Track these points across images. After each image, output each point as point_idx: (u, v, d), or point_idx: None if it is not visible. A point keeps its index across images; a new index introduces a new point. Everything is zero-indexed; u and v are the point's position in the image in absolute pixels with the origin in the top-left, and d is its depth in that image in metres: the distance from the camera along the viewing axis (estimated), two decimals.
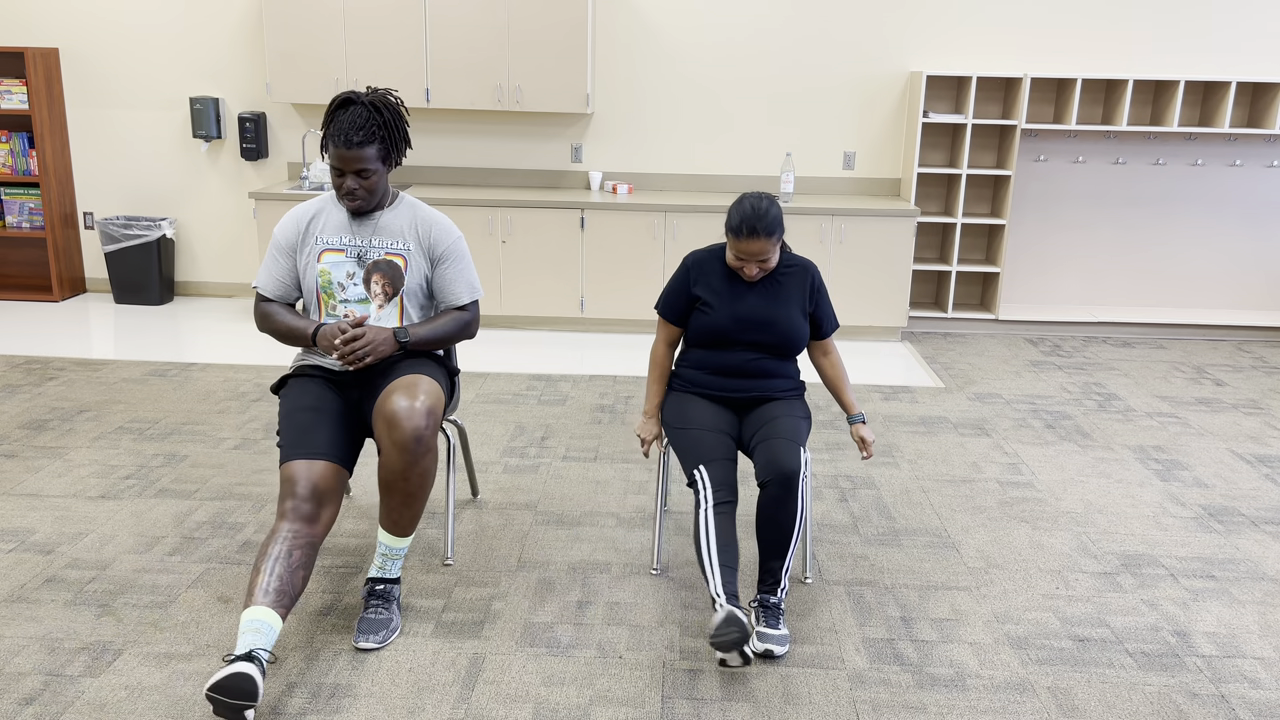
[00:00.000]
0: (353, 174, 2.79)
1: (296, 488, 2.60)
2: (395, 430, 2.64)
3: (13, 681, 2.52)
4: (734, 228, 2.87)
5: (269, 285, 2.95)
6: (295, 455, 2.66)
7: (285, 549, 2.51)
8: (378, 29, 5.88)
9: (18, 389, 4.70)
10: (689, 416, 2.95)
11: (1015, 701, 2.56)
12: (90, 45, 6.32)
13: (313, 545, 2.57)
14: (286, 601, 2.46)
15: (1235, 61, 6.14)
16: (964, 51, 6.16)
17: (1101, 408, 4.90)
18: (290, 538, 2.54)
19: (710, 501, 2.76)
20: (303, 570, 2.52)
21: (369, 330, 2.80)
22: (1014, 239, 6.46)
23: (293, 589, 2.48)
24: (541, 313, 6.06)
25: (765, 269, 2.92)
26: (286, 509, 2.58)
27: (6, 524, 3.37)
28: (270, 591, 2.44)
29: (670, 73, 6.25)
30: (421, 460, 2.68)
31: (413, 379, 2.75)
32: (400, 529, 2.78)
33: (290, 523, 2.56)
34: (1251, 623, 2.97)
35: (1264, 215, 6.38)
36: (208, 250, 6.64)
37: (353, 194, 2.81)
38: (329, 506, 2.64)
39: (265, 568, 2.48)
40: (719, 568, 2.68)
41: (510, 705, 2.49)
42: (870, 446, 3.00)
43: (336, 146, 2.75)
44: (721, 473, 2.80)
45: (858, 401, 3.14)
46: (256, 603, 2.42)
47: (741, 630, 2.52)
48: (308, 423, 2.73)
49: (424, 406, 2.67)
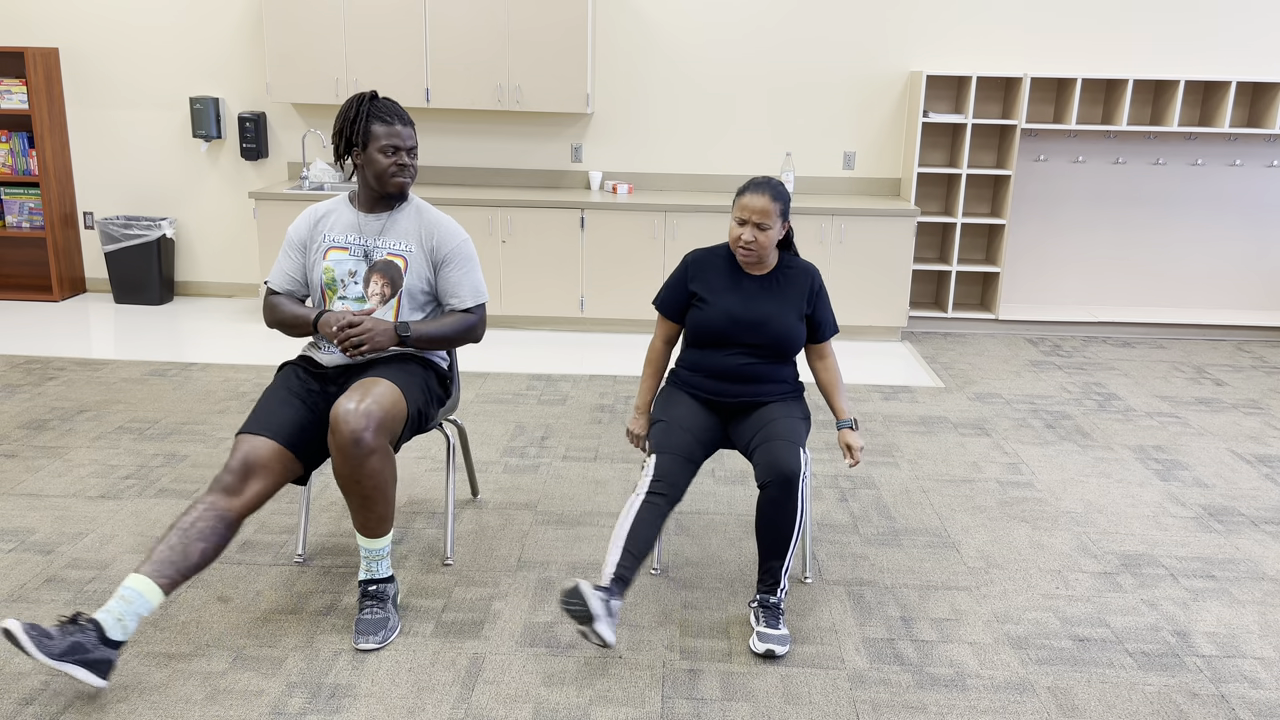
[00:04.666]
0: (406, 150, 2.88)
1: (231, 459, 2.66)
2: (336, 432, 2.64)
3: (13, 681, 2.52)
4: (741, 187, 2.90)
5: (279, 280, 3.00)
6: (245, 429, 2.72)
7: (191, 519, 2.55)
8: (378, 29, 5.88)
9: (18, 389, 4.70)
10: (671, 411, 2.95)
11: (1015, 701, 2.56)
12: (90, 45, 6.32)
13: (224, 519, 2.58)
14: (171, 572, 2.48)
15: (1235, 61, 6.14)
16: (964, 51, 6.17)
17: (1101, 408, 4.90)
18: (202, 508, 2.57)
19: (645, 489, 2.75)
20: (202, 542, 2.53)
21: (368, 320, 2.80)
22: (1014, 239, 6.46)
23: (185, 560, 2.50)
24: (541, 313, 6.06)
25: (761, 243, 2.88)
26: (215, 479, 2.65)
27: (6, 524, 3.37)
28: (156, 561, 2.48)
29: (670, 73, 6.25)
30: (365, 463, 2.65)
31: (370, 381, 2.73)
32: (369, 530, 2.77)
33: (210, 494, 2.61)
34: (1251, 623, 2.97)
35: (1264, 215, 6.38)
36: (208, 250, 6.65)
37: (405, 169, 2.89)
38: (256, 483, 2.65)
39: (166, 537, 2.52)
40: (620, 550, 2.65)
41: (510, 705, 2.49)
42: (857, 454, 2.91)
43: (388, 124, 2.84)
44: (670, 467, 2.79)
45: (851, 408, 3.13)
46: (140, 570, 2.47)
47: (584, 607, 2.49)
48: (272, 404, 2.78)
49: (366, 409, 2.64)
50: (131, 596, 2.43)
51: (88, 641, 2.37)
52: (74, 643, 2.35)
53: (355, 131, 2.85)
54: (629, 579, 2.63)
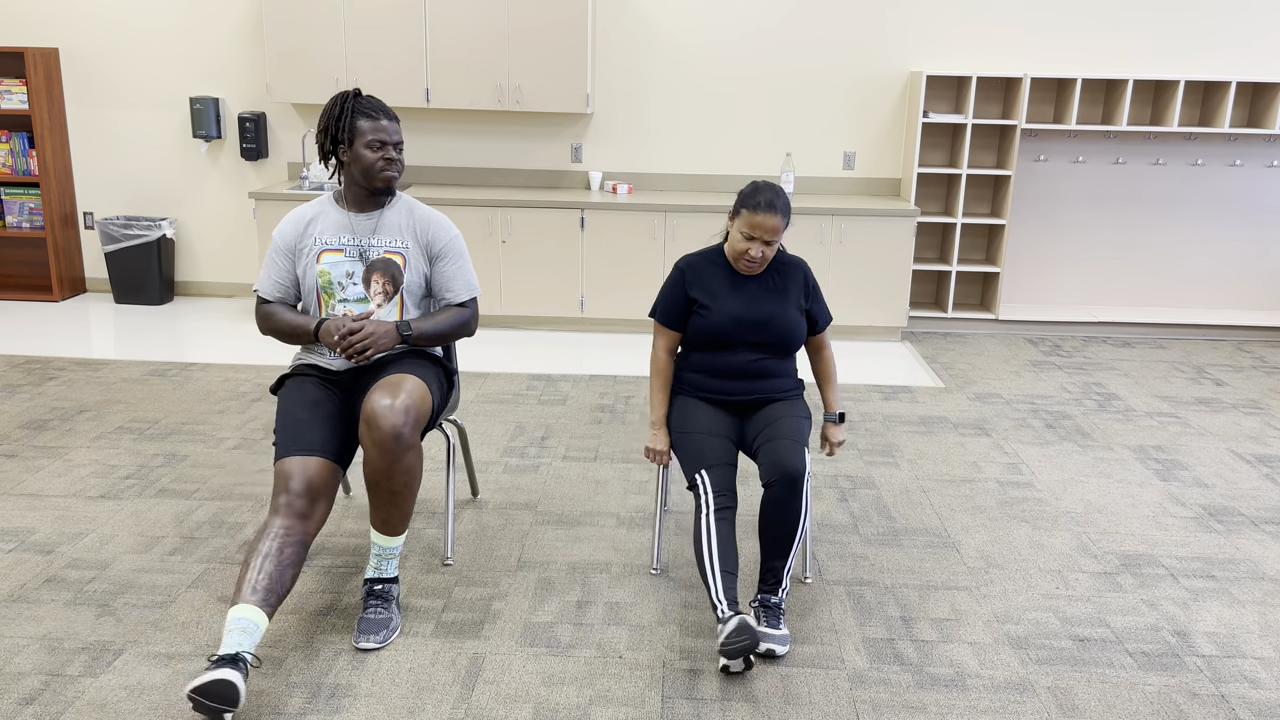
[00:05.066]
0: (393, 145, 2.87)
1: (290, 483, 2.61)
2: (374, 429, 2.64)
3: (13, 681, 2.52)
4: (750, 200, 2.84)
5: (268, 288, 2.97)
6: (289, 452, 2.67)
7: (276, 545, 2.52)
8: (378, 29, 5.88)
9: (18, 389, 4.70)
10: (692, 420, 2.95)
11: (1015, 701, 2.56)
12: (90, 45, 6.32)
13: (304, 543, 2.57)
14: (274, 600, 2.46)
15: (1235, 61, 6.14)
16: (964, 51, 6.16)
17: (1101, 408, 4.90)
18: (282, 534, 2.54)
19: (712, 506, 2.76)
20: (293, 569, 2.52)
21: (370, 323, 2.81)
22: (1014, 239, 6.46)
23: (281, 587, 2.49)
24: (541, 313, 6.06)
25: (767, 256, 2.91)
26: (280, 504, 2.59)
27: (6, 524, 3.37)
28: (259, 589, 2.45)
29: (670, 72, 6.25)
30: (402, 458, 2.67)
31: (397, 378, 2.74)
32: (390, 528, 2.78)
33: (283, 519, 2.57)
34: (1251, 623, 2.97)
35: (1264, 215, 6.38)
36: (208, 250, 6.64)
37: (393, 163, 2.87)
38: (322, 503, 2.64)
39: (255, 564, 2.48)
40: (720, 573, 2.68)
41: (510, 705, 2.49)
42: (834, 447, 3.07)
43: (374, 120, 2.83)
44: (722, 478, 2.80)
45: (840, 401, 3.14)
46: (244, 600, 2.43)
47: (752, 637, 2.52)
48: (303, 420, 2.74)
49: (403, 405, 2.66)
50: (250, 627, 2.40)
51: (242, 679, 2.34)
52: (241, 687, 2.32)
53: (341, 129, 2.83)
54: (736, 598, 2.67)
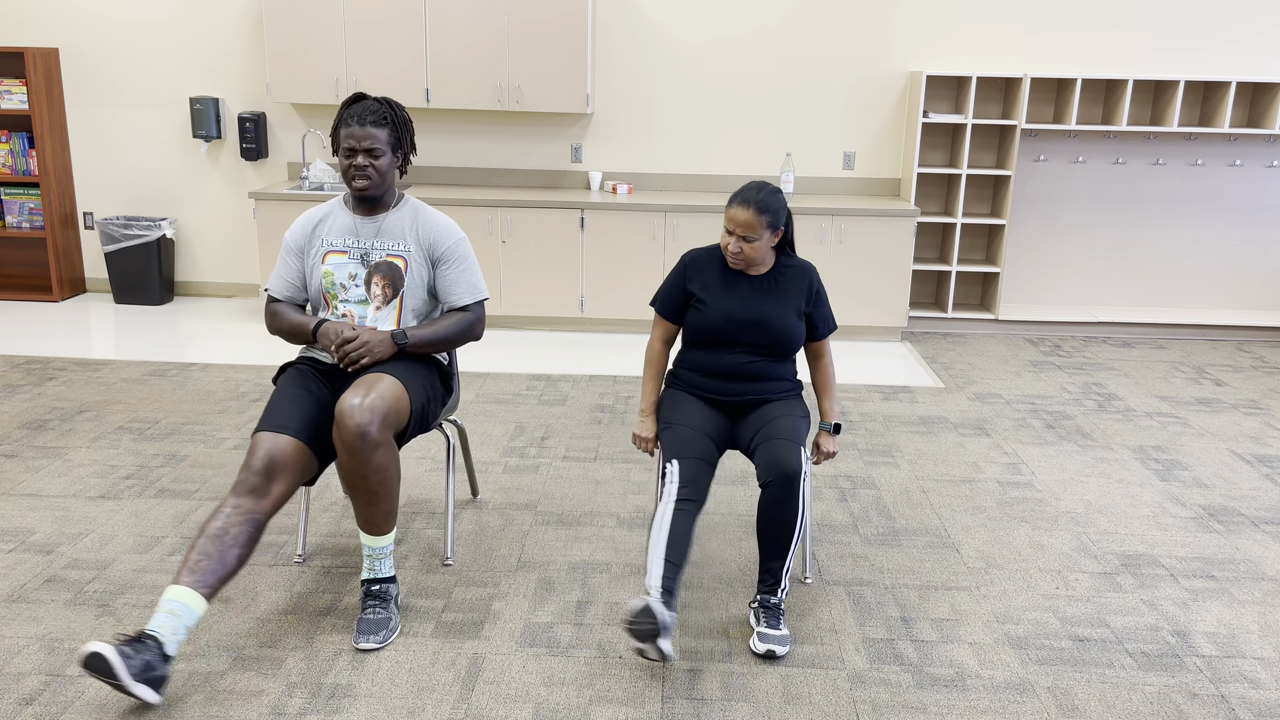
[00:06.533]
0: (364, 151, 2.84)
1: (253, 460, 2.63)
2: (341, 427, 2.64)
3: (13, 681, 2.52)
4: (732, 196, 2.90)
5: (278, 287, 3.01)
6: (262, 428, 2.70)
7: (221, 525, 2.54)
8: (378, 29, 5.88)
9: (18, 389, 4.70)
10: (679, 413, 2.95)
11: (1015, 701, 2.56)
12: (90, 45, 6.32)
13: (255, 522, 2.58)
14: (213, 580, 2.47)
15: (1235, 61, 6.14)
16: (964, 51, 6.17)
17: (1101, 408, 4.90)
18: (230, 512, 2.56)
19: (674, 496, 2.74)
20: (238, 549, 2.53)
21: (366, 332, 2.82)
22: (1014, 239, 6.46)
23: (223, 568, 2.49)
24: (541, 313, 6.06)
25: (748, 254, 2.88)
26: (238, 481, 2.62)
27: (6, 524, 3.37)
28: (196, 570, 2.46)
29: (670, 72, 6.25)
30: (371, 457, 2.66)
31: (373, 377, 2.74)
32: (374, 527, 2.78)
33: (236, 496, 2.59)
34: (1251, 623, 2.97)
35: (1264, 215, 6.38)
36: (208, 250, 6.65)
37: (363, 170, 2.84)
38: (280, 482, 2.64)
39: (198, 544, 2.51)
40: (662, 561, 2.64)
41: (510, 705, 2.49)
42: (823, 457, 3.04)
43: (349, 127, 2.82)
44: (693, 471, 2.79)
45: (838, 411, 3.13)
46: (179, 581, 2.45)
47: (654, 624, 2.47)
48: (286, 400, 2.77)
49: (371, 404, 2.65)
50: (179, 609, 2.41)
51: (154, 660, 2.36)
52: (145, 661, 2.34)
53: (335, 137, 2.90)
54: (674, 590, 2.63)
